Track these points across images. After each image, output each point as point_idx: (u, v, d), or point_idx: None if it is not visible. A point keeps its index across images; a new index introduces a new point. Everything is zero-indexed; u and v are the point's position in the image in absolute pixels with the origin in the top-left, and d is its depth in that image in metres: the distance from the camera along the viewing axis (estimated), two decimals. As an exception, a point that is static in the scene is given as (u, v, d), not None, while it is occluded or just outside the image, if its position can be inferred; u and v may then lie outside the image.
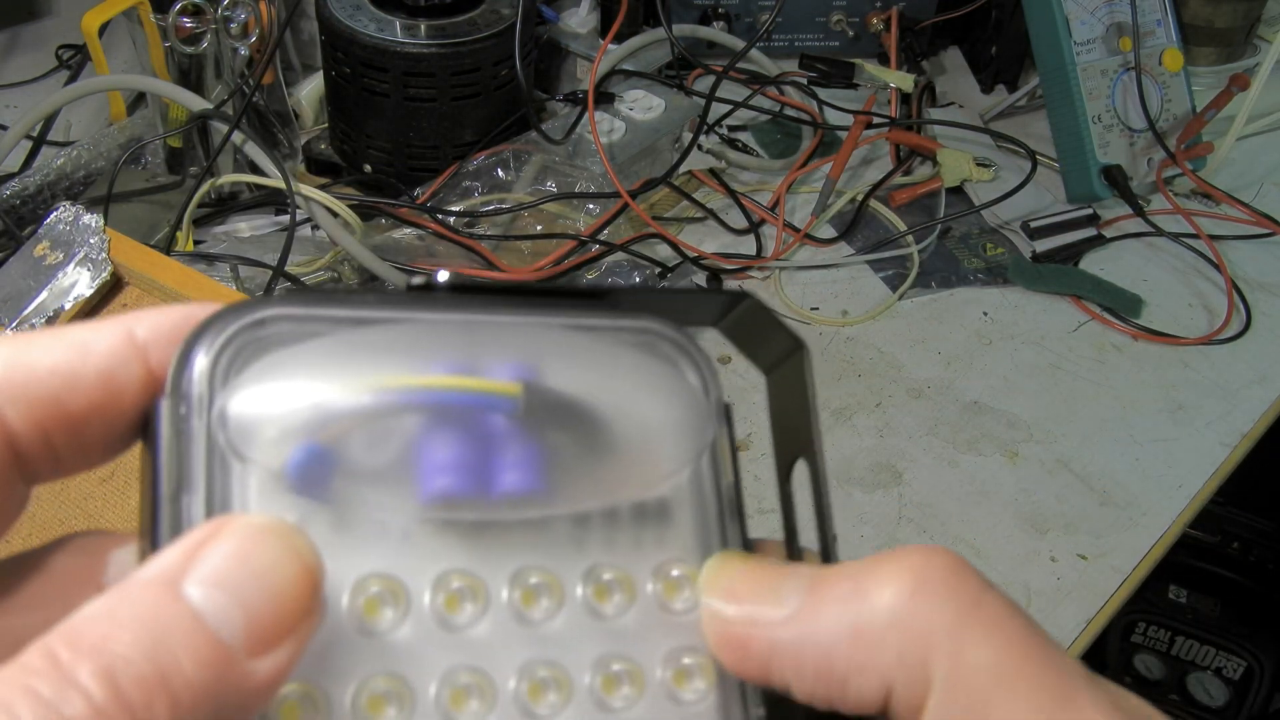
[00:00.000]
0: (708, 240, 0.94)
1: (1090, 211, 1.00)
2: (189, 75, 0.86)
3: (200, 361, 0.19)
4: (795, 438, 0.22)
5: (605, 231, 0.85)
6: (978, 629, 0.18)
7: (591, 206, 0.87)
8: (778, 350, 0.23)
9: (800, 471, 0.23)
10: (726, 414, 0.23)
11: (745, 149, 1.03)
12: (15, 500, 0.19)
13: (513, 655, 0.19)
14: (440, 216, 0.84)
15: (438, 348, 0.20)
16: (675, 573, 0.21)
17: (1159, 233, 0.98)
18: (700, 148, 1.00)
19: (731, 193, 0.97)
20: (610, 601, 0.20)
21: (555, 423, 0.20)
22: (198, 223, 0.87)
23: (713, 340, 0.84)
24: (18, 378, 0.19)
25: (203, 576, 0.17)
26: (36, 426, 0.19)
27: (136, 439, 0.20)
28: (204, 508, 0.19)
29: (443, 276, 0.21)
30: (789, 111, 1.06)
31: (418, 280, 0.21)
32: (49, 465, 0.19)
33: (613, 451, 0.20)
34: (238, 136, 0.81)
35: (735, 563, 0.21)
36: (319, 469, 0.19)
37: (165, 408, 0.19)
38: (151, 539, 0.19)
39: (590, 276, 0.81)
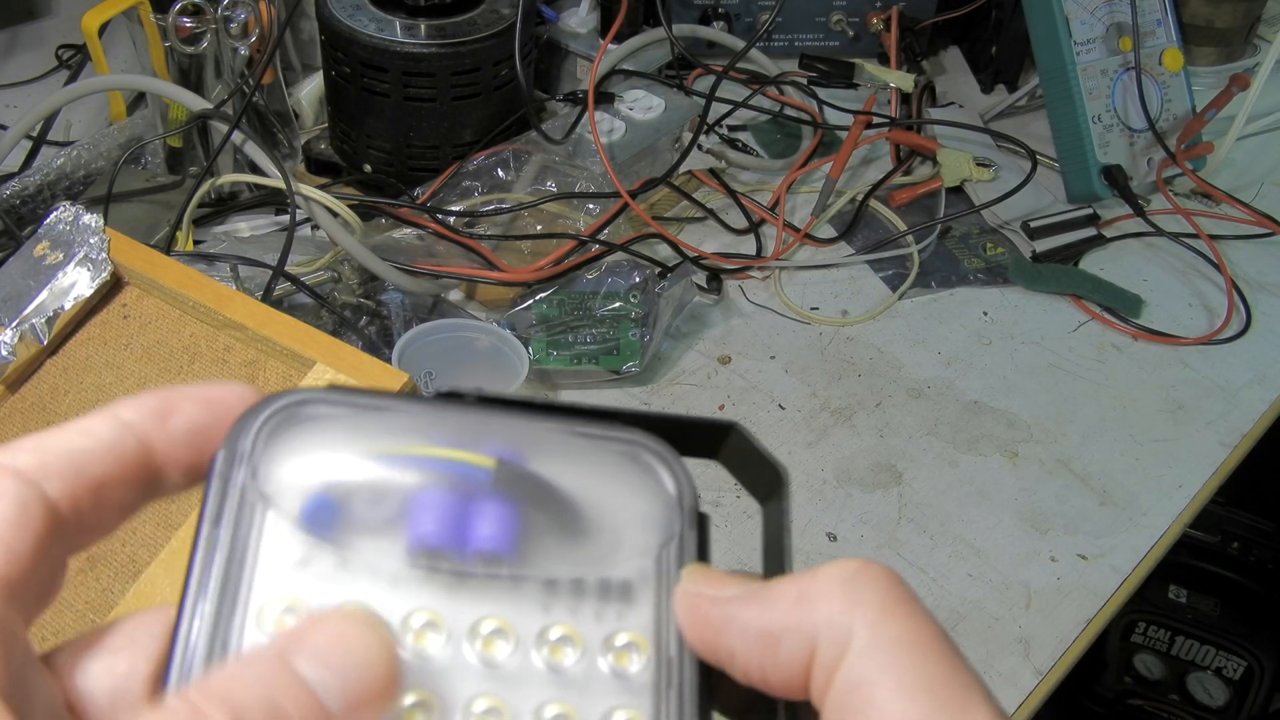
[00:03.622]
0: (708, 240, 0.94)
1: (1090, 211, 1.00)
2: (189, 75, 0.86)
3: (249, 426, 0.24)
4: (780, 557, 0.26)
5: (605, 231, 0.85)
6: (900, 611, 0.22)
7: (591, 206, 0.87)
8: (767, 480, 0.27)
9: None
10: (701, 522, 0.25)
11: (745, 149, 1.03)
12: (60, 570, 0.23)
13: (464, 685, 0.23)
14: (440, 216, 0.84)
15: (438, 430, 0.25)
16: (622, 641, 0.24)
17: (1159, 233, 0.98)
18: (700, 148, 1.00)
19: (731, 193, 0.97)
20: (560, 656, 0.23)
21: (526, 498, 0.24)
22: (198, 223, 0.87)
23: (712, 342, 0.84)
24: (49, 459, 0.23)
25: (309, 653, 0.21)
26: (70, 497, 0.23)
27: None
28: (229, 538, 0.23)
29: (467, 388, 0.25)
30: (789, 111, 1.06)
31: (445, 388, 0.25)
32: (78, 532, 0.23)
33: (576, 529, 0.24)
34: (238, 136, 0.80)
35: (710, 568, 0.25)
36: (326, 516, 0.23)
37: (220, 458, 0.24)
38: (189, 561, 0.23)
39: (590, 276, 0.81)
